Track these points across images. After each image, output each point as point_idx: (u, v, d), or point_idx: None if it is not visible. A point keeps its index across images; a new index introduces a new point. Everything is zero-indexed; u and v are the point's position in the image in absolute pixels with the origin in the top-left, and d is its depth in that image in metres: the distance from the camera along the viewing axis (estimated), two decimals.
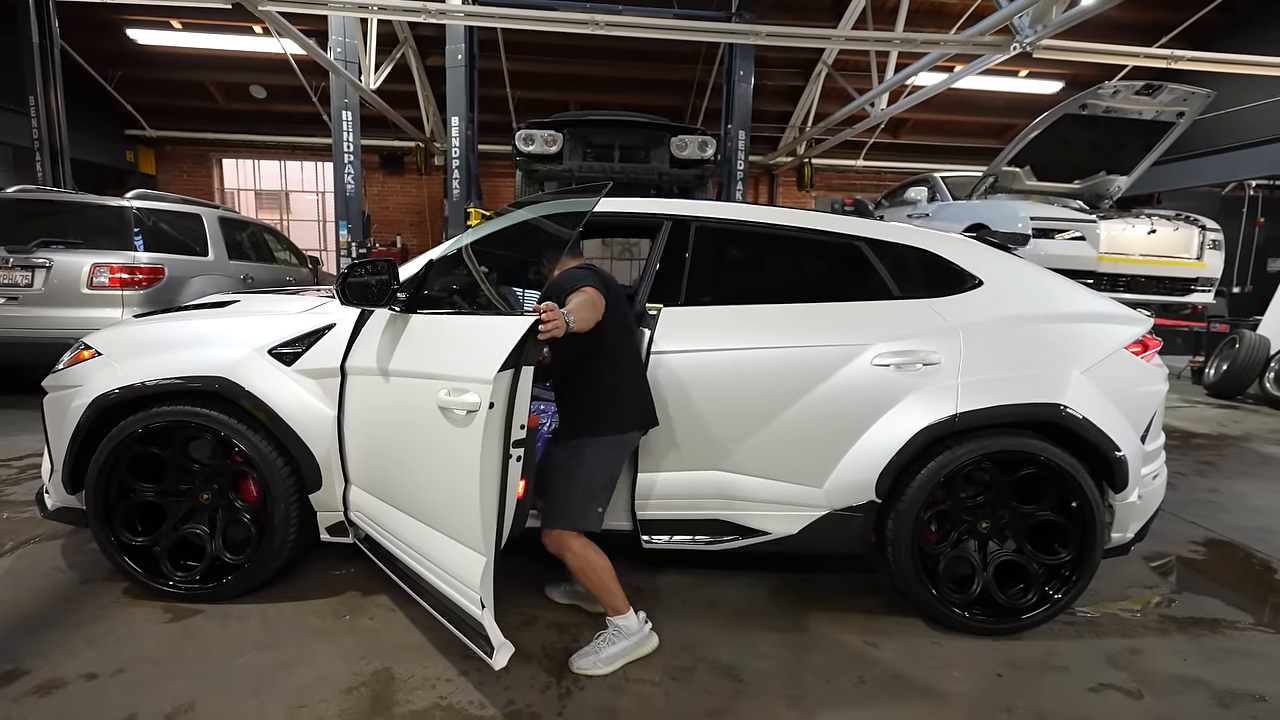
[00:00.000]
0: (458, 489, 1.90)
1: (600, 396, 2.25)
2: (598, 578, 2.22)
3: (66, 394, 2.63)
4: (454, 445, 1.90)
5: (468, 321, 2.22)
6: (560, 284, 2.24)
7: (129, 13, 10.50)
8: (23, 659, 2.19)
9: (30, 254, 5.22)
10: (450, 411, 1.92)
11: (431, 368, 2.05)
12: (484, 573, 1.84)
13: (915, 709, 2.09)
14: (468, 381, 1.87)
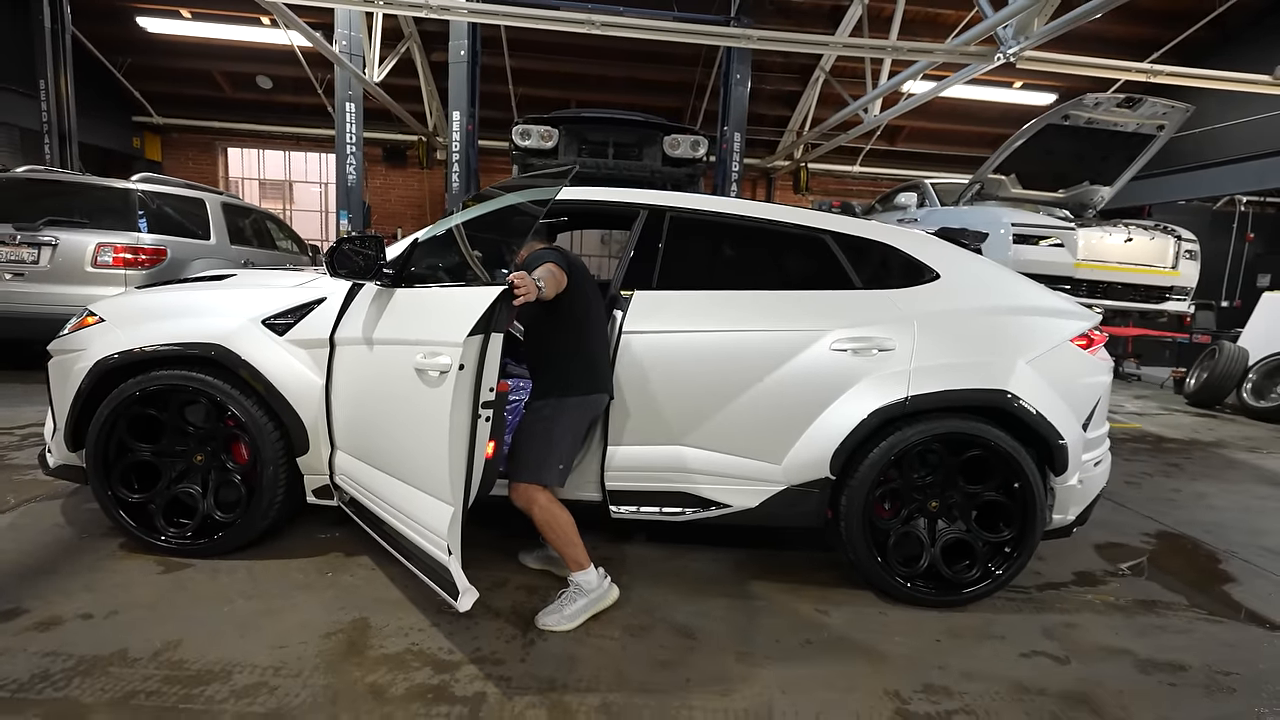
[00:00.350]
0: (429, 444, 2.05)
1: (566, 361, 2.42)
2: (562, 531, 2.37)
3: (70, 357, 2.78)
4: (427, 404, 2.06)
5: (445, 292, 2.35)
6: (528, 264, 2.40)
7: (140, 0, 10.68)
8: (23, 600, 2.35)
9: (37, 232, 5.37)
10: (425, 373, 2.07)
11: (411, 334, 2.21)
12: (451, 521, 1.99)
13: (855, 666, 2.23)
14: (441, 345, 2.03)
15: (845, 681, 2.14)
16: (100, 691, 1.91)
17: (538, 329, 2.49)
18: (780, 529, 3.07)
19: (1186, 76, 6.72)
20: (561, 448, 2.39)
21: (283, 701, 1.91)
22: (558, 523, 2.38)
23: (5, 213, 5.45)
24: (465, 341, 1.96)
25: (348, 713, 1.88)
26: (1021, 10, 5.29)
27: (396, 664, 2.11)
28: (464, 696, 1.97)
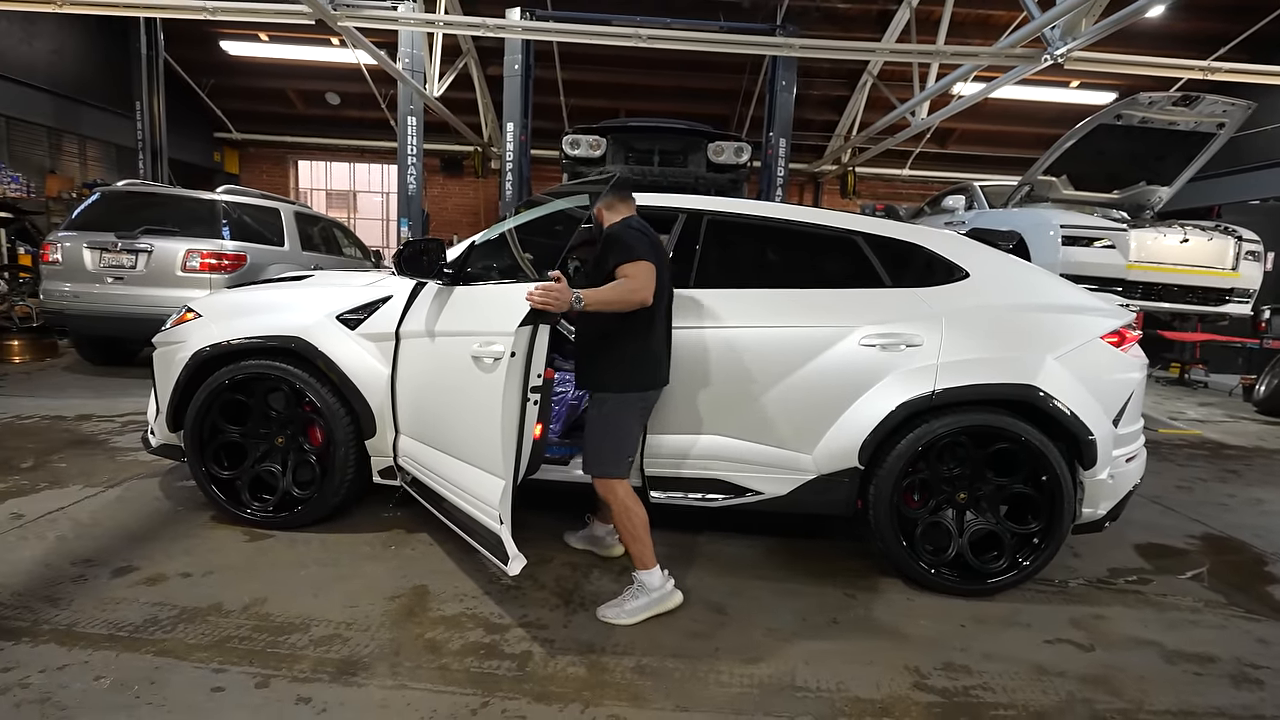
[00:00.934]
0: (484, 424, 2.28)
1: (631, 354, 2.41)
2: (633, 526, 2.42)
3: (172, 348, 3.13)
4: (482, 388, 2.30)
5: (498, 288, 2.58)
6: (612, 242, 2.35)
7: (223, 26, 11.50)
8: (133, 560, 2.68)
9: (135, 240, 5.92)
10: (480, 361, 2.32)
11: (468, 326, 2.46)
12: (503, 494, 2.21)
13: (878, 644, 2.35)
14: (495, 335, 2.26)
15: (867, 656, 2.26)
16: (201, 635, 2.19)
17: (603, 315, 2.38)
18: (811, 518, 3.19)
19: (1248, 73, 6.49)
20: (628, 441, 2.47)
21: (354, 650, 2.15)
22: (630, 516, 2.42)
23: (108, 223, 6.03)
24: (516, 331, 2.19)
25: (410, 661, 2.11)
26: (1069, 11, 5.25)
27: (452, 624, 2.33)
28: (512, 654, 2.18)
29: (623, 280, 2.28)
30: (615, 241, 2.36)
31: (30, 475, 3.56)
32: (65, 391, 5.59)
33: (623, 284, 2.27)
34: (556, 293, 2.13)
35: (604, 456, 2.44)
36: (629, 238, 2.36)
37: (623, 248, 2.33)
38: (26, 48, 9.79)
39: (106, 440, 4.26)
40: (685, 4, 10.28)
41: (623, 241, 2.35)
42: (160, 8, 6.68)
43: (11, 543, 2.78)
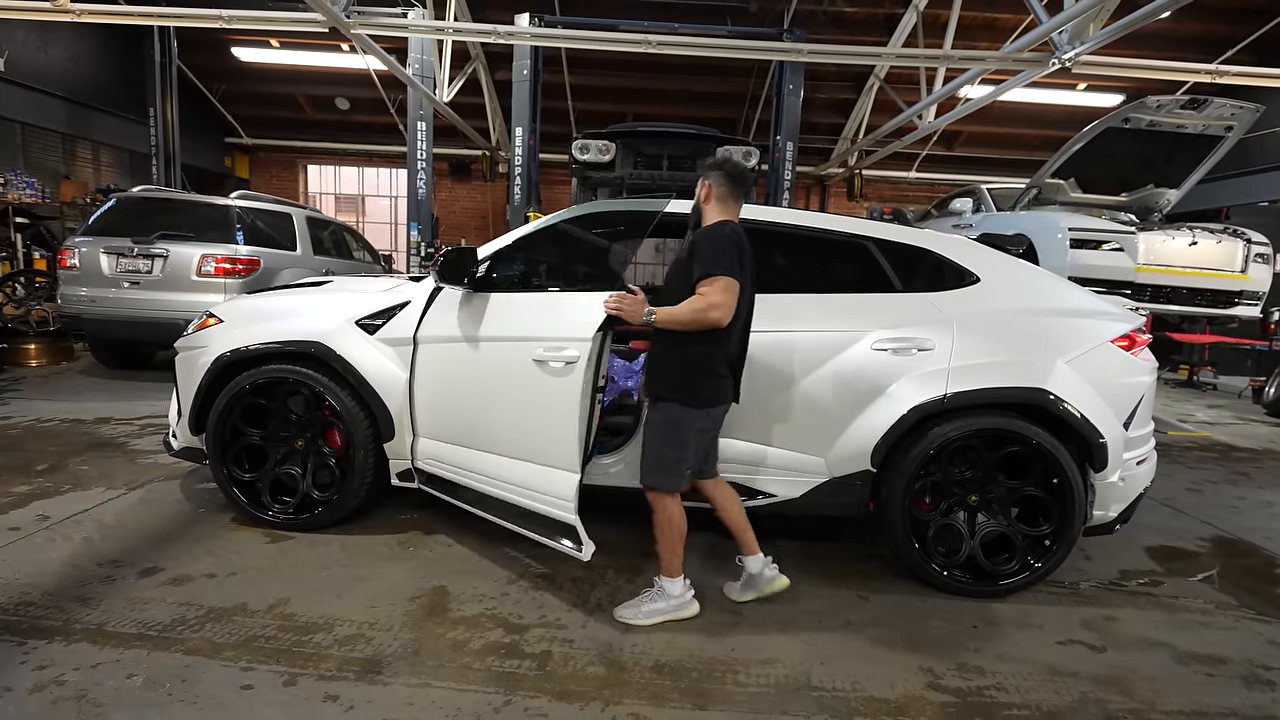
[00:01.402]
0: (555, 425, 2.46)
1: (703, 368, 2.31)
2: (672, 535, 2.39)
3: (194, 353, 3.19)
4: (552, 391, 2.47)
5: (566, 296, 2.77)
6: (703, 246, 2.25)
7: (236, 33, 11.61)
8: (158, 561, 2.74)
9: (151, 245, 6.00)
10: (546, 364, 2.48)
11: (527, 332, 2.61)
12: (576, 487, 2.42)
13: (892, 644, 2.38)
14: (567, 341, 2.45)
15: (882, 657, 2.30)
16: (228, 634, 2.24)
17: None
18: (824, 520, 3.22)
19: (1256, 76, 6.49)
20: (687, 455, 2.37)
21: (377, 650, 2.20)
22: (672, 527, 2.39)
23: (124, 228, 6.12)
24: (593, 337, 2.40)
25: (433, 661, 2.15)
26: (1076, 16, 5.28)
27: (473, 624, 2.38)
28: (532, 654, 2.22)
29: (700, 299, 2.20)
30: (706, 246, 2.27)
31: (53, 477, 3.62)
32: (83, 395, 5.67)
33: (698, 304, 2.19)
34: (631, 303, 2.22)
35: (661, 468, 2.37)
36: (721, 245, 2.26)
37: (711, 256, 2.23)
38: (42, 55, 9.92)
39: (126, 443, 4.33)
40: (692, 9, 10.35)
41: (713, 249, 2.25)
42: (176, 17, 6.77)
43: (39, 544, 2.84)
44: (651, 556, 2.97)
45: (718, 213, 2.43)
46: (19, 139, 9.79)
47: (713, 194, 2.43)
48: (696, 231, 2.38)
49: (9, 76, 9.14)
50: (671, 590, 2.45)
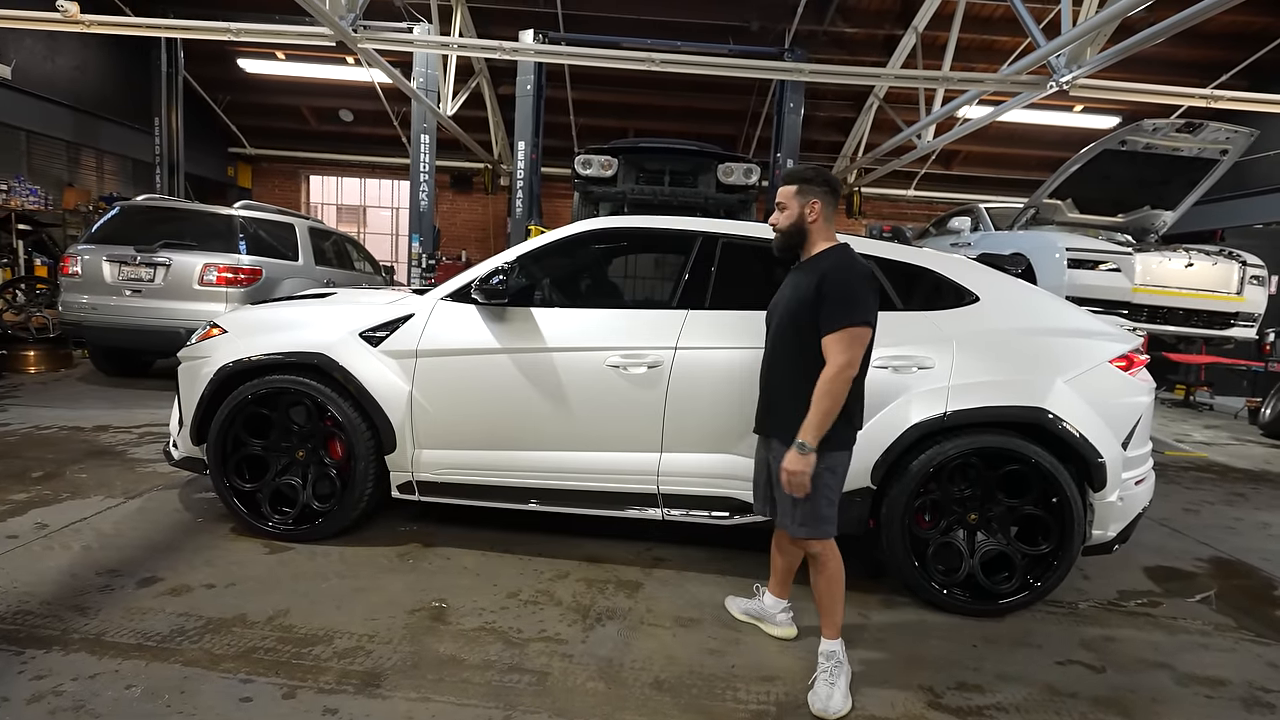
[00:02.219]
0: (642, 417, 2.86)
1: (849, 412, 2.12)
2: (840, 591, 2.21)
3: (197, 363, 3.20)
4: (637, 390, 2.86)
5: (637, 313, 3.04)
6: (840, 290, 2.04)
7: (242, 45, 11.72)
8: (157, 570, 2.73)
9: (154, 253, 6.02)
10: (624, 370, 2.85)
11: (600, 342, 2.91)
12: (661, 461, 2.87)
13: (892, 663, 2.38)
14: (649, 349, 2.85)
15: (881, 676, 2.29)
16: (227, 646, 2.24)
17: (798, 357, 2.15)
18: None
19: (1249, 100, 6.59)
20: (836, 499, 2.19)
21: (377, 663, 2.19)
22: (841, 581, 2.22)
23: (127, 236, 6.14)
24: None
25: (432, 674, 2.15)
26: (1074, 40, 5.36)
27: (472, 638, 2.37)
28: (532, 669, 2.22)
29: (832, 368, 2.01)
30: (843, 291, 2.04)
31: (52, 485, 3.62)
32: (81, 402, 5.66)
33: (836, 380, 2.00)
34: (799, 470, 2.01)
35: (823, 515, 2.15)
36: (859, 292, 2.06)
37: (849, 304, 2.04)
38: (50, 65, 10.00)
39: (125, 451, 4.32)
40: (694, 27, 10.48)
41: (851, 295, 2.05)
42: (185, 28, 6.84)
43: (38, 552, 2.83)
44: (650, 569, 2.99)
45: (825, 236, 2.22)
46: (23, 146, 9.84)
47: (820, 213, 2.19)
48: (828, 270, 2.09)
49: (16, 85, 9.20)
50: (841, 653, 2.20)
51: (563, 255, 3.31)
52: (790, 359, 2.19)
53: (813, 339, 2.09)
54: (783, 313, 2.24)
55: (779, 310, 2.28)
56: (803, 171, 2.25)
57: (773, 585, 2.58)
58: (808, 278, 2.15)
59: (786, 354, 2.21)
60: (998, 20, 9.92)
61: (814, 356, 2.09)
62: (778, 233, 2.29)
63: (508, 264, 3.00)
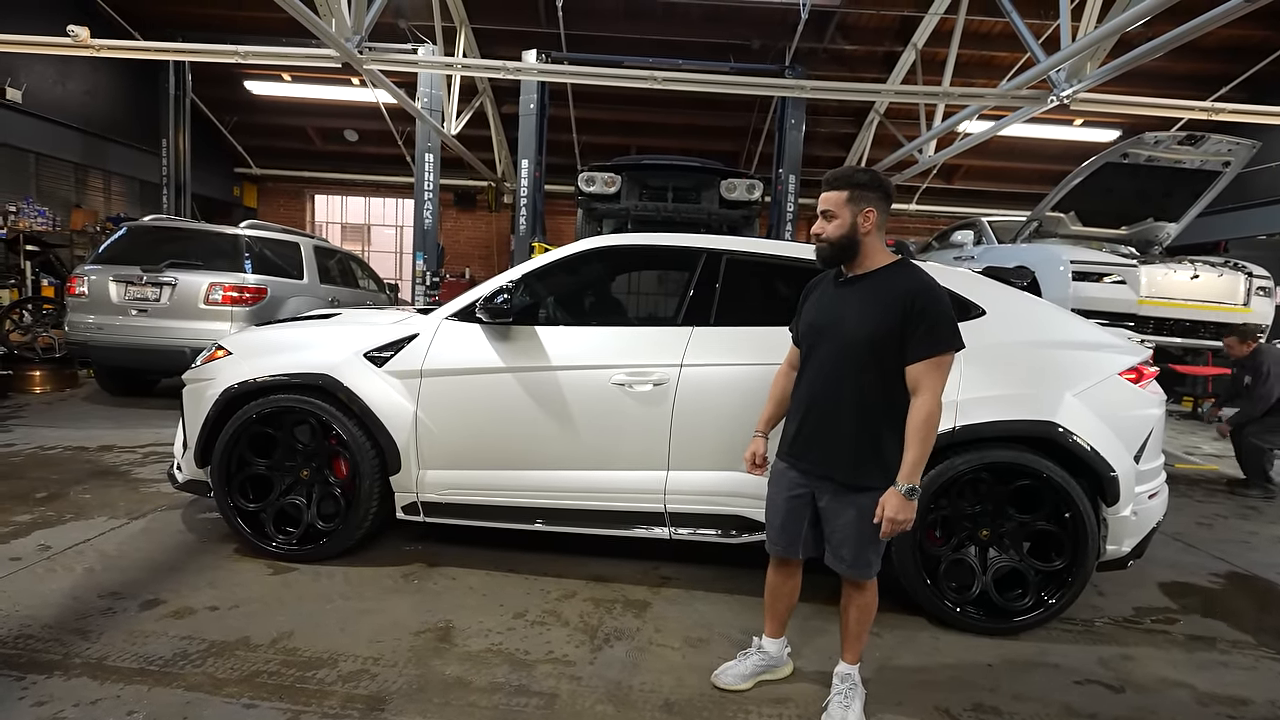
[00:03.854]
0: (648, 435, 2.84)
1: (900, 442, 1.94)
2: (871, 620, 2.15)
3: (202, 385, 3.19)
4: (643, 408, 2.84)
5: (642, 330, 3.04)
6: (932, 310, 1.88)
7: (249, 67, 11.87)
8: (160, 592, 2.70)
9: (160, 273, 6.05)
10: (629, 388, 2.84)
11: (606, 360, 2.89)
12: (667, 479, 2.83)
13: (906, 684, 2.33)
14: (654, 367, 2.83)
15: (896, 697, 2.25)
16: (231, 670, 2.21)
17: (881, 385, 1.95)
18: None
19: (1250, 113, 6.62)
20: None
21: (382, 686, 2.16)
22: (874, 610, 2.14)
23: (133, 257, 6.17)
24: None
25: (439, 698, 2.11)
26: (1074, 55, 5.40)
27: (479, 660, 2.34)
28: (540, 691, 2.18)
29: (929, 400, 1.87)
30: (936, 311, 1.89)
31: (55, 506, 3.60)
32: (86, 422, 5.65)
33: (934, 412, 1.87)
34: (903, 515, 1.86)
35: (878, 552, 2.04)
36: (950, 312, 1.91)
37: (945, 328, 1.89)
38: (60, 88, 10.14)
39: (129, 471, 4.31)
40: (695, 45, 10.59)
41: (946, 316, 1.89)
42: (193, 52, 6.93)
43: (40, 574, 2.81)
44: (658, 588, 2.96)
45: (881, 248, 2.03)
46: (32, 168, 9.94)
47: (875, 222, 1.99)
48: (917, 292, 1.91)
49: (26, 108, 9.32)
50: (857, 677, 2.16)
51: (567, 273, 3.31)
52: (860, 389, 1.95)
53: (893, 366, 1.91)
54: (854, 335, 1.95)
55: (845, 332, 1.98)
56: (854, 175, 2.00)
57: (774, 629, 2.32)
58: (883, 298, 1.93)
59: (856, 383, 1.95)
60: (996, 36, 10.01)
61: (889, 386, 1.92)
62: (825, 243, 2.02)
63: (512, 283, 3.00)
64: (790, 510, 2.11)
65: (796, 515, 2.11)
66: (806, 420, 2.06)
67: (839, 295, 2.06)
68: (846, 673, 2.14)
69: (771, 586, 2.28)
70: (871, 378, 1.94)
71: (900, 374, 1.92)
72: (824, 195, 2.03)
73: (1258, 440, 5.16)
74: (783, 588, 2.27)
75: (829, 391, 2.01)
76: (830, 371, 2.01)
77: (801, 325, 2.16)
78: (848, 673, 2.14)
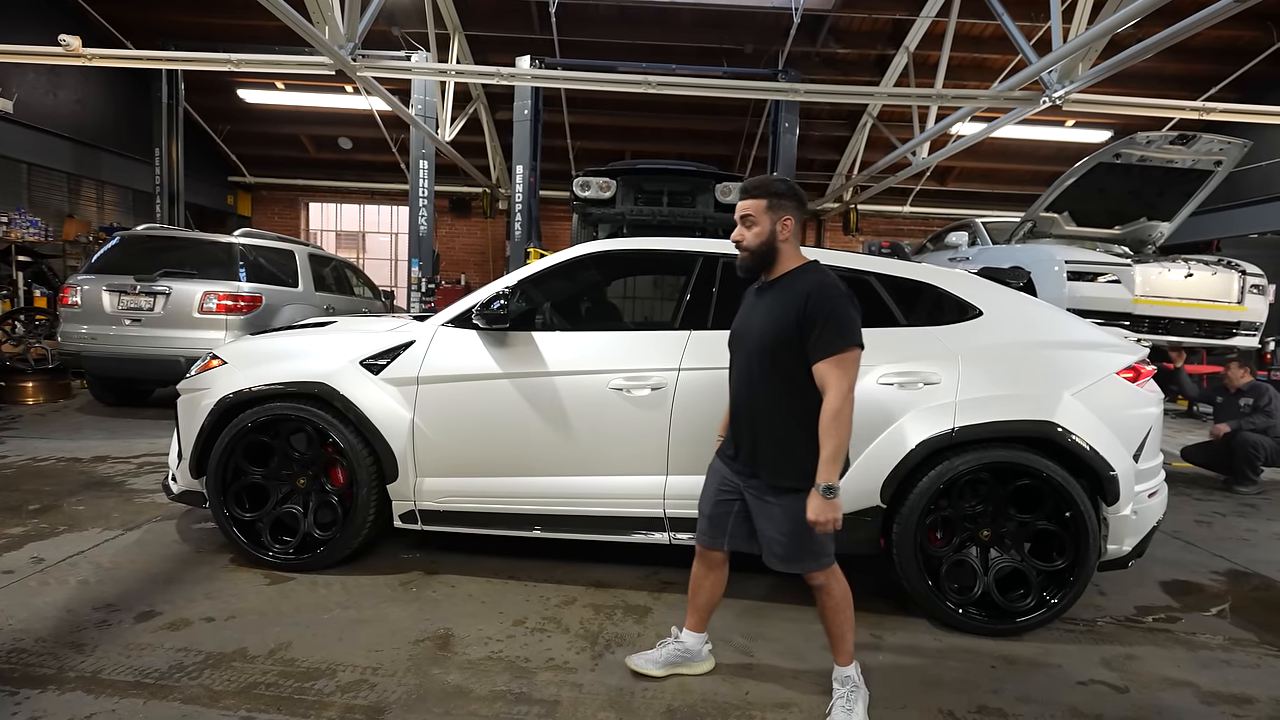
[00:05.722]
0: (647, 440, 2.82)
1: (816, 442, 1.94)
2: (850, 614, 2.11)
3: (197, 395, 3.16)
4: (641, 413, 2.82)
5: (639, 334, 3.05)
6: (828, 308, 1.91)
7: (242, 75, 11.85)
8: (155, 604, 2.68)
9: (154, 282, 6.02)
10: (627, 392, 2.82)
11: (603, 365, 2.88)
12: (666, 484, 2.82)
13: (909, 687, 2.32)
14: (652, 371, 2.82)
15: (900, 700, 2.24)
16: (228, 681, 2.18)
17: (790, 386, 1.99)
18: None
19: (1240, 112, 6.66)
20: None
21: (381, 696, 2.14)
22: (848, 599, 2.11)
23: (127, 266, 6.14)
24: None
25: (439, 708, 2.09)
26: (1065, 56, 5.42)
27: (479, 669, 2.32)
28: (541, 699, 2.16)
29: (838, 396, 1.88)
30: (833, 310, 1.92)
31: (49, 518, 3.57)
32: (80, 433, 5.61)
33: (844, 408, 1.88)
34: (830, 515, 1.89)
35: (820, 548, 2.04)
36: (849, 310, 1.93)
37: (845, 324, 1.91)
38: (52, 98, 10.10)
39: (123, 482, 4.27)
40: (689, 51, 10.62)
41: (845, 314, 1.92)
42: (185, 60, 6.91)
43: (34, 587, 2.78)
44: (659, 593, 2.94)
45: (795, 253, 2.08)
46: (24, 178, 9.90)
47: (791, 230, 2.05)
48: (811, 291, 1.94)
49: (18, 118, 9.28)
50: (857, 676, 2.13)
51: (563, 278, 3.30)
52: (773, 393, 2.01)
53: (799, 368, 1.95)
54: (759, 341, 2.02)
55: (753, 338, 2.05)
56: (773, 184, 2.06)
57: (694, 622, 2.32)
58: (784, 300, 1.99)
59: (769, 387, 2.01)
60: (988, 39, 10.07)
61: (800, 388, 1.96)
62: (745, 251, 2.06)
63: (508, 288, 2.99)
64: (719, 503, 2.19)
65: (725, 509, 2.18)
66: (734, 422, 2.17)
67: (755, 302, 2.15)
68: (846, 675, 2.13)
69: (695, 578, 2.31)
70: (782, 380, 2.00)
71: (810, 375, 1.95)
72: (744, 203, 2.07)
73: (1256, 436, 5.21)
74: (705, 580, 2.30)
75: (747, 396, 2.09)
76: (747, 377, 2.08)
77: (731, 330, 2.21)
78: (847, 675, 2.13)
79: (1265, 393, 5.38)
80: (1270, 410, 5.30)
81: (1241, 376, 5.47)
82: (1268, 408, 5.31)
